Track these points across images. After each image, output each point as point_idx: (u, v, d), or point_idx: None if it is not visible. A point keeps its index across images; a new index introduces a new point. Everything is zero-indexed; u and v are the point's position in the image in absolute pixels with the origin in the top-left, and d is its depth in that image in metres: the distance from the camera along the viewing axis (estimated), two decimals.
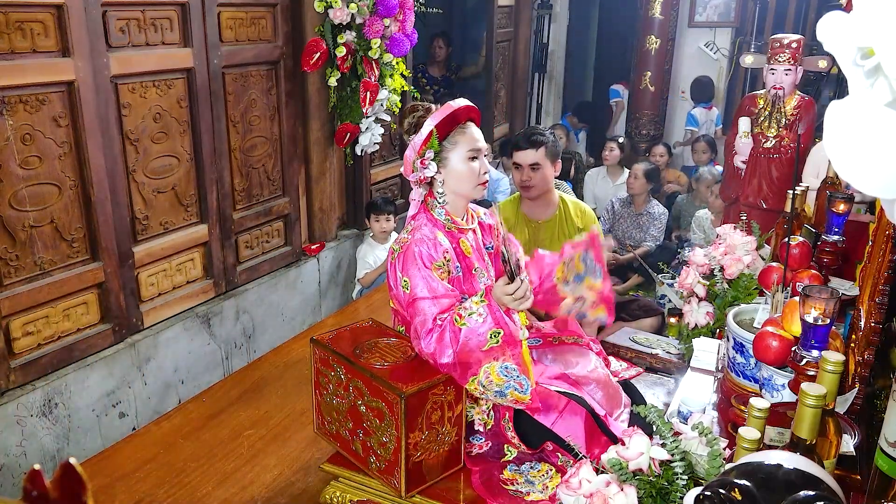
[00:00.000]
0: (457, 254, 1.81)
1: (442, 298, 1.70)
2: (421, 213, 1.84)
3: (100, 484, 2.04)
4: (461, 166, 1.81)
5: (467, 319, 1.64)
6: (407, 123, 1.85)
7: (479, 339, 1.63)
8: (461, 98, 1.85)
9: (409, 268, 1.72)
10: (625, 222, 4.70)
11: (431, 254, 1.73)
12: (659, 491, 1.22)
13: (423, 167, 1.78)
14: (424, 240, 1.75)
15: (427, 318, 1.68)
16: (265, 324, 3.54)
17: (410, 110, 1.86)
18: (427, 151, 1.77)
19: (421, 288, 1.70)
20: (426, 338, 1.66)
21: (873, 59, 0.65)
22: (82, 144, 2.53)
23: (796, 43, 3.57)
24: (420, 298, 1.69)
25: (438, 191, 1.82)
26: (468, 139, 1.81)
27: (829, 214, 2.01)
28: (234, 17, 3.16)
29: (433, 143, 1.76)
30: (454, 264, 1.79)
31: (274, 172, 3.55)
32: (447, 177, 1.81)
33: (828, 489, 0.73)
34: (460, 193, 1.85)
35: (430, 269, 1.72)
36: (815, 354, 1.32)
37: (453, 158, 1.81)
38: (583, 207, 2.77)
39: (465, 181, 1.82)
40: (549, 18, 6.46)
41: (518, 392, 1.66)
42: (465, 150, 1.80)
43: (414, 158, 1.79)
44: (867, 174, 0.68)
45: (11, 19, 2.28)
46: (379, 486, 1.72)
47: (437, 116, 1.78)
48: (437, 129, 1.77)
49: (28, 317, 2.48)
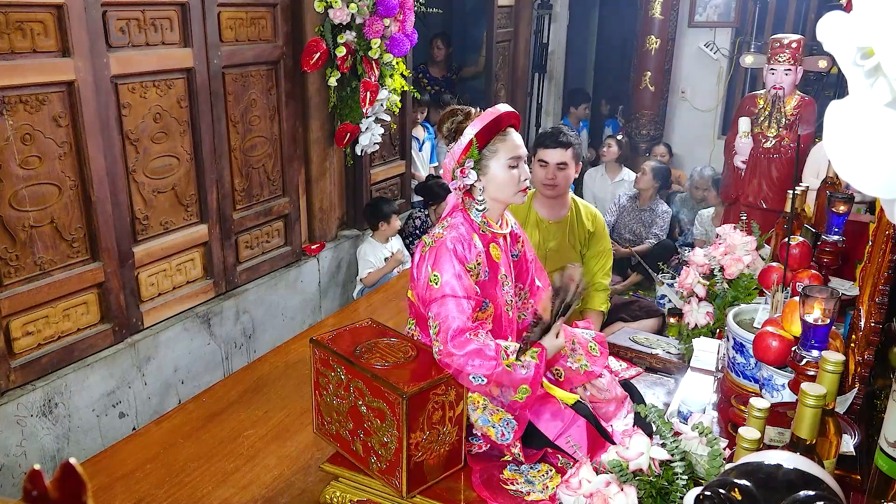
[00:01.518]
0: (487, 258, 1.80)
1: (470, 300, 1.69)
2: (457, 213, 1.81)
3: (100, 484, 2.04)
4: (502, 174, 1.77)
5: (513, 365, 1.65)
6: (446, 129, 1.80)
7: (514, 385, 1.66)
8: (502, 104, 1.82)
9: (441, 263, 1.70)
10: (628, 216, 4.73)
11: (466, 254, 1.72)
12: (659, 491, 1.22)
13: (463, 176, 1.74)
14: (461, 239, 1.73)
15: (456, 318, 1.65)
16: (265, 324, 3.54)
17: (449, 115, 1.81)
18: (467, 160, 1.74)
19: (452, 286, 1.68)
20: (457, 337, 1.64)
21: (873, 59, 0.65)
22: (82, 144, 2.53)
23: (796, 43, 3.57)
24: (449, 296, 1.67)
25: (478, 198, 1.79)
26: (509, 147, 1.77)
27: (829, 214, 2.01)
28: (234, 17, 3.16)
29: (473, 153, 1.73)
30: (484, 269, 1.77)
31: (274, 172, 3.55)
32: (487, 184, 1.78)
33: (828, 489, 0.73)
34: (500, 199, 1.82)
35: (463, 268, 1.70)
36: (815, 354, 1.32)
37: (493, 166, 1.77)
38: (594, 212, 2.76)
39: (506, 188, 1.79)
40: (549, 18, 6.46)
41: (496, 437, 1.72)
42: (505, 158, 1.76)
43: (454, 167, 1.76)
44: (867, 174, 0.68)
45: (11, 19, 2.28)
46: (379, 486, 1.71)
47: (477, 124, 1.73)
48: (477, 137, 1.73)
49: (28, 317, 2.48)
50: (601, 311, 2.75)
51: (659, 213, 4.72)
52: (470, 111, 1.80)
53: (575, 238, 2.70)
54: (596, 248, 2.74)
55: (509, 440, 1.70)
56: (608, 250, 2.78)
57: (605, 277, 2.76)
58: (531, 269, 2.01)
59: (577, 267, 1.78)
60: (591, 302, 2.75)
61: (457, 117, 1.79)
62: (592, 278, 2.74)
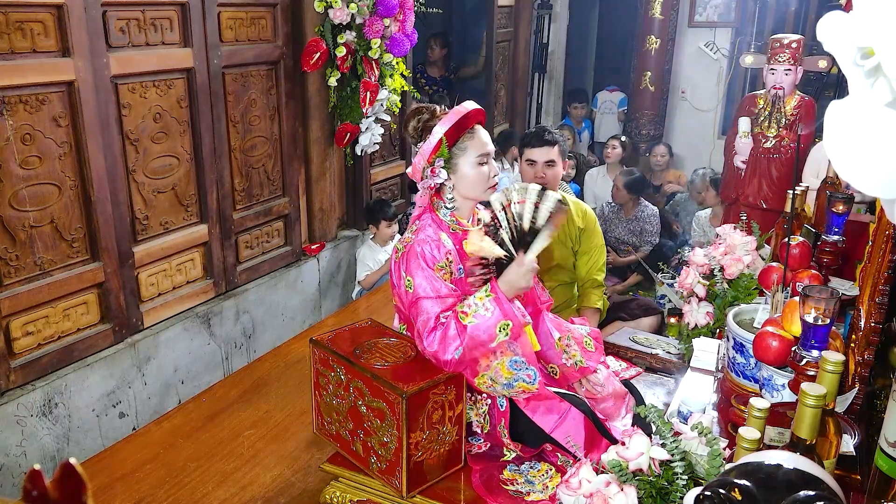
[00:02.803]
0: (459, 255, 1.81)
1: (446, 298, 1.70)
2: (426, 214, 1.83)
3: (100, 484, 2.04)
4: (471, 171, 1.79)
5: (474, 316, 1.64)
6: (412, 128, 1.82)
7: (488, 333, 1.64)
8: (468, 101, 1.83)
9: (412, 268, 1.72)
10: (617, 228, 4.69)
11: (434, 254, 1.73)
12: (659, 491, 1.22)
13: (434, 175, 1.76)
14: (428, 240, 1.75)
15: (430, 316, 1.68)
16: (265, 324, 3.54)
17: (414, 113, 1.83)
18: (437, 159, 1.75)
19: (424, 288, 1.70)
20: (429, 336, 1.67)
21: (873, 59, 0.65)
22: (82, 144, 2.53)
23: (796, 43, 3.57)
24: (423, 298, 1.69)
25: (448, 196, 1.81)
26: (477, 144, 1.80)
27: (829, 214, 2.01)
28: (234, 17, 3.16)
29: (443, 152, 1.75)
30: (456, 265, 1.79)
31: (274, 172, 3.55)
32: (457, 182, 1.80)
33: (828, 489, 0.73)
34: (469, 197, 1.84)
35: (433, 270, 1.72)
36: (815, 354, 1.32)
37: (463, 164, 1.79)
38: (584, 208, 2.76)
39: (476, 186, 1.81)
40: (549, 18, 6.46)
41: (526, 383, 1.70)
42: (474, 156, 1.79)
43: (423, 166, 1.77)
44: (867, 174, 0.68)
45: (11, 19, 2.28)
46: (379, 486, 1.72)
47: (445, 123, 1.75)
48: (446, 136, 1.75)
49: (28, 317, 2.48)
50: (597, 308, 2.75)
51: (646, 219, 4.63)
52: (435, 109, 1.82)
53: (566, 235, 2.69)
54: (588, 244, 2.73)
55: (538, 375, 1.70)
56: (601, 246, 2.77)
57: (599, 273, 2.75)
58: None
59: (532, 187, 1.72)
60: (586, 299, 2.75)
61: (423, 116, 1.81)
62: (586, 275, 2.74)
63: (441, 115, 1.80)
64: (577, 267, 2.74)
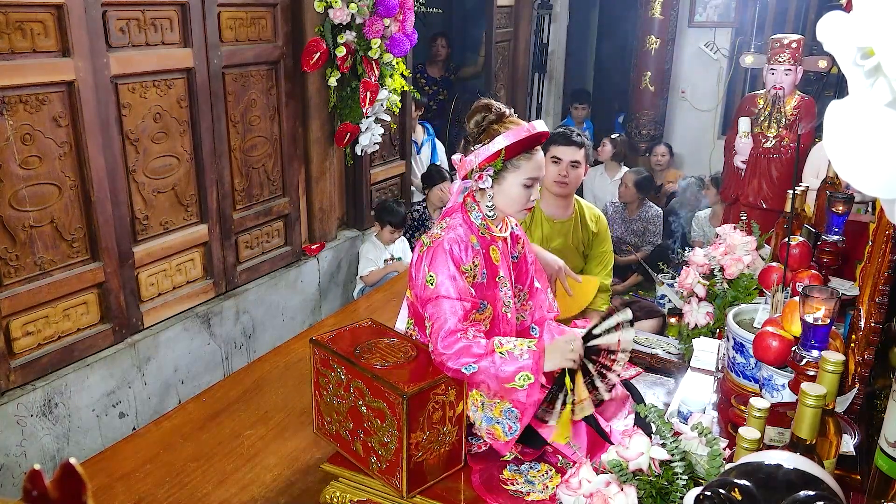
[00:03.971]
0: (486, 260, 1.80)
1: (465, 301, 1.68)
2: (457, 213, 1.81)
3: (100, 484, 2.04)
4: (516, 190, 1.77)
5: (508, 352, 1.62)
6: (474, 123, 1.78)
7: (508, 372, 1.61)
8: (539, 121, 1.79)
9: (437, 264, 1.70)
10: (619, 228, 4.70)
11: (462, 256, 1.72)
12: (659, 491, 1.22)
13: (480, 181, 1.74)
14: (458, 240, 1.73)
15: (448, 318, 1.65)
16: (265, 324, 3.54)
17: (481, 108, 1.79)
18: (488, 167, 1.73)
19: (447, 287, 1.68)
20: (447, 338, 1.63)
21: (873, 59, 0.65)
22: (82, 144, 2.53)
23: (796, 43, 3.57)
24: (444, 297, 1.67)
25: (487, 204, 1.79)
26: (532, 167, 1.77)
27: (829, 214, 2.01)
28: (234, 17, 3.16)
29: (497, 163, 1.72)
30: (481, 270, 1.77)
31: (274, 172, 3.55)
32: (498, 193, 1.78)
33: (828, 489, 0.73)
34: (506, 212, 1.83)
35: (459, 270, 1.70)
36: (815, 354, 1.32)
37: (510, 180, 1.76)
38: (597, 213, 2.79)
39: (515, 204, 1.79)
40: (549, 18, 6.46)
41: (503, 432, 1.67)
42: (525, 177, 1.76)
43: (473, 168, 1.75)
44: (867, 174, 0.68)
45: (11, 19, 2.28)
46: (379, 486, 1.71)
47: (510, 137, 1.71)
48: (506, 149, 1.72)
49: (28, 317, 2.48)
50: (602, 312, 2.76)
51: (650, 219, 4.66)
52: (504, 112, 1.79)
53: (578, 239, 2.73)
54: (598, 249, 2.77)
55: (517, 431, 1.67)
56: (609, 251, 2.82)
57: (607, 278, 2.78)
58: (531, 271, 2.01)
59: (628, 312, 1.70)
60: (592, 303, 2.76)
61: (489, 115, 1.77)
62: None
63: (508, 121, 1.76)
64: (584, 271, 2.77)
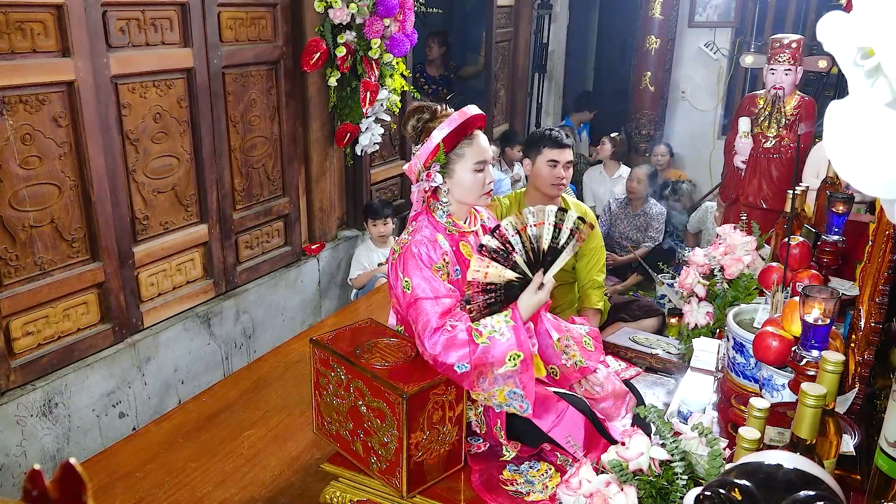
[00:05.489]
0: (457, 256, 1.80)
1: (443, 298, 1.69)
2: (422, 215, 1.83)
3: (100, 484, 2.04)
4: (467, 177, 1.78)
5: (488, 337, 1.62)
6: (411, 127, 1.81)
7: (498, 359, 1.62)
8: (470, 105, 1.80)
9: (409, 269, 1.72)
10: (622, 224, 4.71)
11: (431, 255, 1.73)
12: (659, 491, 1.22)
13: (429, 179, 1.76)
14: (424, 241, 1.74)
15: (430, 318, 1.67)
16: (265, 324, 3.54)
17: (414, 112, 1.81)
18: (433, 164, 1.74)
19: (423, 289, 1.69)
20: (431, 337, 1.65)
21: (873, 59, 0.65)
22: (82, 144, 2.53)
23: (796, 43, 3.57)
24: (422, 299, 1.69)
25: (443, 199, 1.81)
26: (476, 151, 1.78)
27: (829, 214, 2.01)
28: (234, 17, 3.16)
29: (440, 157, 1.74)
30: (453, 266, 1.78)
31: (274, 172, 3.55)
32: (452, 186, 1.80)
33: (828, 489, 0.73)
34: (465, 202, 1.84)
35: (430, 270, 1.71)
36: (815, 354, 1.32)
37: (459, 169, 1.78)
38: (584, 209, 2.78)
39: (471, 192, 1.81)
40: (549, 18, 6.45)
41: (518, 411, 1.68)
42: (472, 162, 1.78)
43: (419, 169, 1.77)
44: (867, 174, 0.68)
45: (11, 19, 2.28)
46: (379, 486, 1.72)
47: (444, 128, 1.73)
48: (444, 141, 1.73)
49: (28, 317, 2.48)
50: (598, 309, 2.76)
51: (654, 216, 4.68)
52: (436, 109, 1.80)
53: None
54: (588, 245, 2.74)
55: (529, 409, 1.66)
56: (601, 247, 2.80)
57: (600, 274, 2.76)
58: None
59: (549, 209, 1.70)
60: (587, 300, 2.75)
61: (423, 115, 1.79)
62: (587, 276, 2.75)
63: (442, 116, 1.78)
64: (576, 268, 2.75)
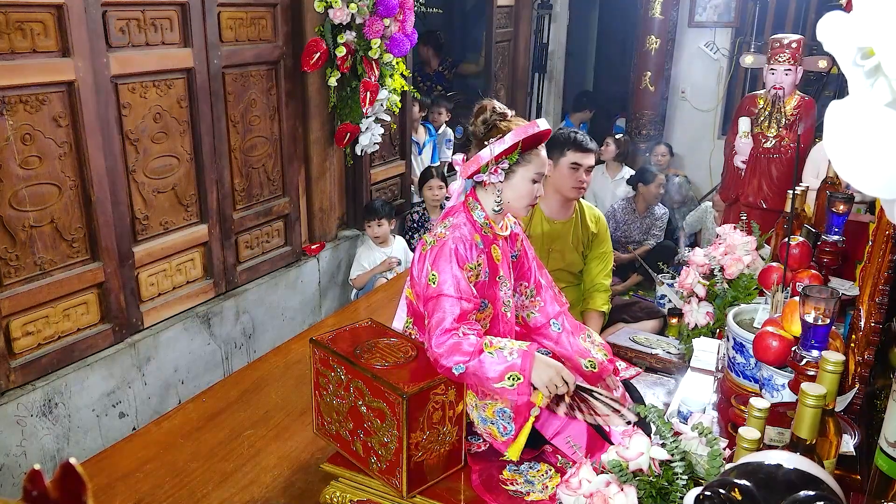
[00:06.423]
0: (488, 259, 1.81)
1: (465, 301, 1.69)
2: (460, 212, 1.83)
3: (100, 484, 2.04)
4: (524, 185, 1.82)
5: (496, 351, 1.63)
6: (482, 120, 1.83)
7: (497, 373, 1.62)
8: (542, 119, 1.85)
9: (440, 262, 1.71)
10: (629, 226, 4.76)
11: (467, 255, 1.74)
12: (659, 491, 1.22)
13: (494, 174, 1.78)
14: (463, 239, 1.75)
15: (446, 317, 1.66)
16: (265, 324, 3.54)
17: (485, 108, 1.85)
18: (503, 160, 1.77)
19: (449, 286, 1.69)
20: (441, 336, 1.64)
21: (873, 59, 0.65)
22: (82, 144, 2.53)
23: (796, 43, 3.57)
24: (445, 296, 1.68)
25: (496, 199, 1.82)
26: (540, 162, 1.83)
27: (829, 214, 2.01)
28: (234, 17, 3.16)
29: (513, 156, 1.77)
30: (484, 269, 1.79)
31: (274, 172, 3.55)
32: (506, 189, 1.82)
33: (828, 489, 0.73)
34: (511, 207, 1.86)
35: (462, 269, 1.72)
36: (815, 354, 1.32)
37: (521, 174, 1.81)
38: (597, 214, 2.80)
39: (522, 199, 1.83)
40: (549, 18, 6.45)
41: (499, 433, 1.68)
42: (533, 172, 1.82)
43: (489, 160, 1.78)
44: (867, 174, 0.68)
45: (11, 19, 2.28)
46: (379, 486, 1.71)
47: (522, 133, 1.76)
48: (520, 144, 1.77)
49: (28, 317, 2.48)
50: (602, 312, 2.77)
51: (658, 216, 4.78)
52: (505, 112, 1.84)
53: (578, 239, 2.74)
54: (598, 250, 2.78)
55: (512, 433, 1.67)
56: (609, 252, 2.83)
57: (606, 278, 2.80)
58: (533, 267, 2.02)
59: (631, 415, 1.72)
60: (591, 302, 2.76)
61: (493, 114, 1.82)
62: (594, 279, 2.77)
63: (513, 120, 1.82)
64: (584, 271, 2.77)
